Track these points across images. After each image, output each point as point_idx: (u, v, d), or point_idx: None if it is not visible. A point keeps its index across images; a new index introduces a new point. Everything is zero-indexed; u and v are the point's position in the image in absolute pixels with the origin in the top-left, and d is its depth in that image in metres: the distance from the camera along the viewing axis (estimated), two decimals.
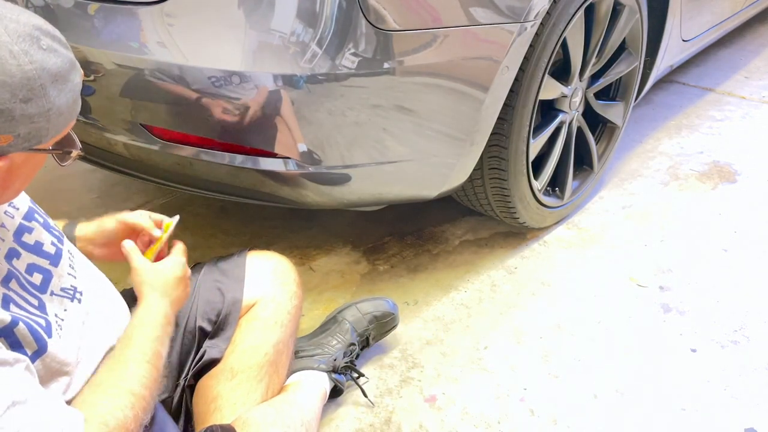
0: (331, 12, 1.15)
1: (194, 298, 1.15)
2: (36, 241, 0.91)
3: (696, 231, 1.88)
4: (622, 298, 1.63)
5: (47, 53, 0.73)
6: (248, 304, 1.16)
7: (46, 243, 0.92)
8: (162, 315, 0.98)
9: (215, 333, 1.15)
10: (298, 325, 1.25)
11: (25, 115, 0.71)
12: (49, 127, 0.75)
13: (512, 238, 1.85)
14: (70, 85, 0.76)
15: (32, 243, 0.90)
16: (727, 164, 2.22)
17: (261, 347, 1.13)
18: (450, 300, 1.63)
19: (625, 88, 1.96)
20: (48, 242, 0.93)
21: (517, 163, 1.58)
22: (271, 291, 1.18)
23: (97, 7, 1.28)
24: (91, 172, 2.19)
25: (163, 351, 0.96)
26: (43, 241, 0.92)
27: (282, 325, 1.16)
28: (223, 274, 1.18)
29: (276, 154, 1.27)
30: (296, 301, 1.22)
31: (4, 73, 0.69)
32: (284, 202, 1.41)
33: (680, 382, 1.39)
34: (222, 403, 1.09)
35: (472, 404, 1.34)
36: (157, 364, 0.93)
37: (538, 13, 1.37)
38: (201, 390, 1.12)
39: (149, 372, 0.90)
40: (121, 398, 0.84)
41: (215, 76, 1.19)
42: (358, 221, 1.92)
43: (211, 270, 1.20)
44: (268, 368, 1.13)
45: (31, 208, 0.95)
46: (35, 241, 0.91)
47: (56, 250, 0.93)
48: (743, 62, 3.11)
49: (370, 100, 1.25)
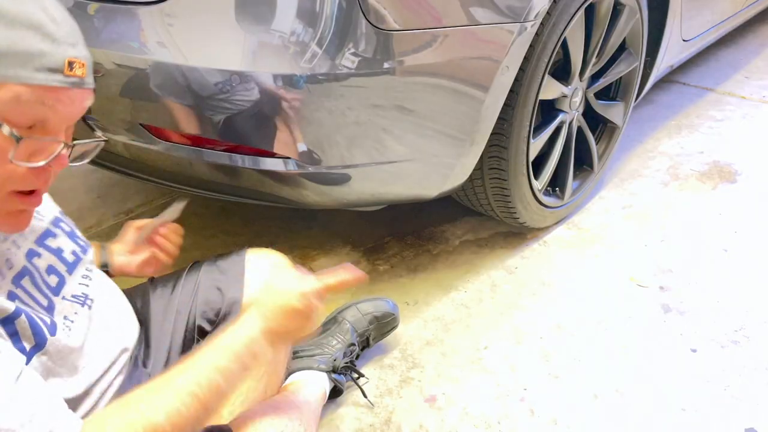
0: (331, 12, 1.15)
1: (194, 297, 1.15)
2: (58, 246, 0.91)
3: (696, 231, 1.88)
4: (622, 298, 1.63)
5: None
6: (247, 303, 1.16)
7: (66, 250, 0.93)
8: (243, 342, 0.84)
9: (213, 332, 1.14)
10: None
11: None
12: None
13: (512, 238, 1.85)
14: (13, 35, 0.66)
15: (54, 247, 0.90)
16: (727, 164, 2.22)
17: None
18: (450, 300, 1.63)
19: (625, 88, 1.96)
20: (69, 250, 0.94)
21: (517, 163, 1.58)
22: None
23: (97, 7, 1.28)
24: (91, 172, 2.19)
25: (226, 385, 0.81)
26: (65, 248, 0.93)
27: None
28: (222, 273, 1.18)
29: (276, 153, 1.27)
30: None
31: None
32: (284, 202, 1.41)
33: (680, 382, 1.39)
34: None
35: (472, 404, 1.34)
36: (207, 398, 0.78)
37: (538, 13, 1.37)
38: None
39: (188, 405, 0.76)
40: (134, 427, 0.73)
41: (215, 76, 1.19)
42: (358, 221, 1.92)
43: (211, 269, 1.19)
44: (267, 367, 1.13)
45: (58, 217, 0.96)
46: (57, 246, 0.91)
47: (75, 259, 0.94)
48: (743, 62, 3.11)
49: (370, 100, 1.24)
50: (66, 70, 0.70)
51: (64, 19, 0.72)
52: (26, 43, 0.67)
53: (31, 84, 0.68)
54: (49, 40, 0.69)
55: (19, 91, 0.67)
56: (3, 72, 0.66)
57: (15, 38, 0.66)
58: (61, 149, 0.74)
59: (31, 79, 0.68)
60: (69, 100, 0.72)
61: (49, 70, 0.69)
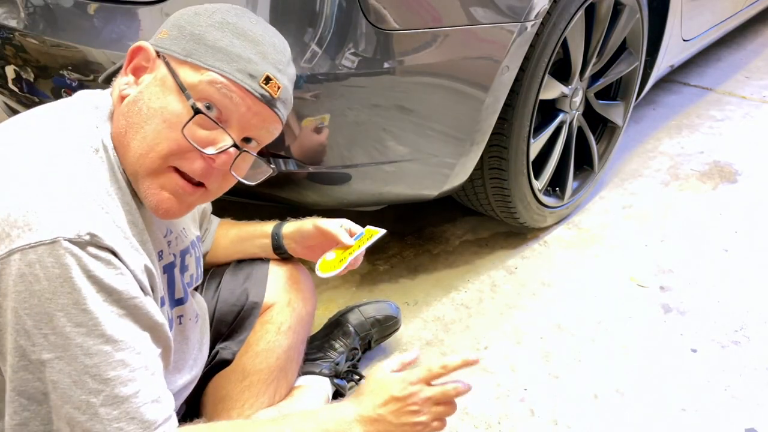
0: (331, 12, 1.15)
1: (216, 299, 1.16)
2: (188, 264, 1.00)
3: (696, 231, 1.88)
4: (622, 298, 1.63)
5: (247, 20, 0.82)
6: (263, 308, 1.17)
7: (191, 270, 1.01)
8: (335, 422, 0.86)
9: (229, 335, 1.15)
10: (309, 332, 1.26)
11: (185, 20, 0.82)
12: (188, 42, 0.80)
13: (512, 238, 1.85)
14: (236, 42, 0.80)
15: (186, 264, 1.00)
16: (727, 164, 2.22)
17: (273, 351, 1.14)
18: (450, 300, 1.63)
19: (625, 87, 1.96)
20: (194, 272, 1.03)
21: (517, 163, 1.58)
22: (286, 296, 1.19)
23: (97, 7, 1.28)
24: None
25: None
26: (192, 270, 1.02)
27: (295, 331, 1.17)
28: (247, 278, 1.19)
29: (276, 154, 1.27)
30: (309, 308, 1.23)
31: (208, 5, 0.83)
32: (284, 202, 1.41)
33: (680, 382, 1.39)
34: (230, 405, 1.09)
35: (472, 404, 1.34)
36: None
37: (539, 12, 1.37)
38: (211, 389, 1.13)
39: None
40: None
41: None
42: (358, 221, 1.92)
43: (236, 272, 1.20)
44: (278, 373, 1.14)
45: (195, 241, 1.03)
46: (188, 264, 1.01)
47: (190, 282, 1.02)
48: (744, 62, 3.11)
49: (370, 99, 1.24)
50: (262, 81, 0.81)
51: (282, 51, 0.85)
52: (241, 50, 0.80)
53: (229, 78, 0.79)
54: (260, 56, 0.81)
55: (217, 79, 0.79)
56: (213, 63, 0.79)
57: (236, 44, 0.80)
58: (228, 146, 0.80)
59: (232, 75, 0.79)
60: (254, 107, 0.81)
61: (248, 75, 0.80)
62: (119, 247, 0.73)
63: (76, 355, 0.70)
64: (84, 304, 0.69)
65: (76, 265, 0.68)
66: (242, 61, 0.79)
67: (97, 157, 0.77)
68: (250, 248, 1.20)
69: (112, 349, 0.71)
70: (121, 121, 0.80)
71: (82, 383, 0.70)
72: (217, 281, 1.18)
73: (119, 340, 0.72)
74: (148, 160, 0.79)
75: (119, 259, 0.73)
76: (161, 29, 0.84)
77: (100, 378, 0.71)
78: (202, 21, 0.80)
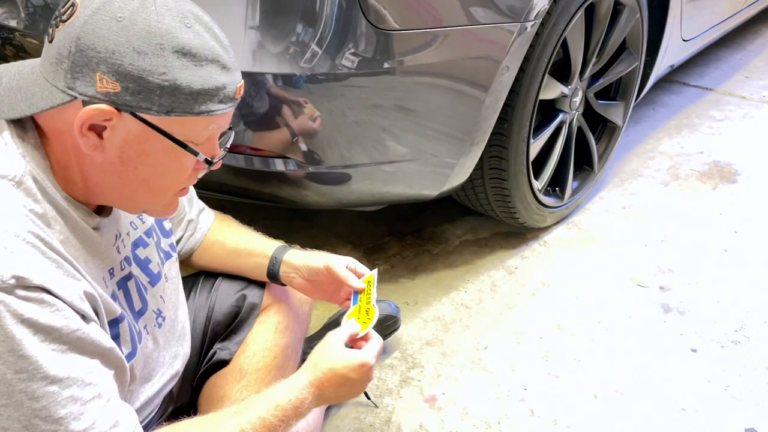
0: (331, 12, 1.15)
1: (213, 299, 1.15)
2: (146, 257, 0.94)
3: (696, 231, 1.88)
4: (622, 298, 1.63)
5: (184, 27, 0.70)
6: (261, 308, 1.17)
7: (153, 261, 0.95)
8: (289, 400, 0.89)
9: (227, 336, 1.15)
10: (306, 331, 1.26)
11: (135, 67, 0.68)
12: (161, 98, 0.70)
13: (512, 238, 1.85)
14: (203, 73, 0.71)
15: (142, 258, 0.93)
16: (727, 164, 2.22)
17: (271, 351, 1.13)
18: (450, 300, 1.63)
19: (625, 87, 1.96)
20: (155, 261, 0.96)
21: (517, 163, 1.58)
22: (283, 295, 1.19)
23: None
24: None
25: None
26: (152, 259, 0.95)
27: (292, 330, 1.17)
28: (245, 279, 1.18)
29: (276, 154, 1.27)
30: (306, 307, 1.24)
31: (129, 19, 0.68)
32: (284, 202, 1.41)
33: (680, 382, 1.39)
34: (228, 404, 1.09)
35: (472, 404, 1.34)
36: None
37: (539, 12, 1.37)
38: (208, 389, 1.13)
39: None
40: None
41: None
42: (358, 221, 1.92)
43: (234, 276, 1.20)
44: (276, 372, 1.13)
45: (153, 226, 0.98)
46: (145, 256, 0.94)
47: (158, 271, 0.96)
48: (743, 62, 3.11)
49: (370, 99, 1.24)
50: (237, 94, 0.77)
51: (227, 43, 0.77)
52: (213, 79, 0.73)
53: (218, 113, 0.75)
54: (226, 71, 0.74)
55: (210, 120, 0.75)
56: (200, 109, 0.73)
57: (205, 75, 0.72)
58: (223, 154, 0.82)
59: (217, 111, 0.74)
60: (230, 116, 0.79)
61: (228, 99, 0.75)
62: (51, 282, 0.69)
63: (22, 401, 0.67)
64: (20, 350, 0.66)
65: (5, 312, 0.65)
66: (220, 91, 0.74)
67: (18, 191, 0.71)
68: (244, 266, 1.16)
69: (58, 389, 0.69)
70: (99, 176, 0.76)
71: (33, 427, 0.68)
72: (212, 282, 1.18)
73: (65, 378, 0.70)
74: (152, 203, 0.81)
75: (53, 294, 0.69)
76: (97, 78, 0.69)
77: (51, 419, 0.69)
78: (157, 62, 0.69)
